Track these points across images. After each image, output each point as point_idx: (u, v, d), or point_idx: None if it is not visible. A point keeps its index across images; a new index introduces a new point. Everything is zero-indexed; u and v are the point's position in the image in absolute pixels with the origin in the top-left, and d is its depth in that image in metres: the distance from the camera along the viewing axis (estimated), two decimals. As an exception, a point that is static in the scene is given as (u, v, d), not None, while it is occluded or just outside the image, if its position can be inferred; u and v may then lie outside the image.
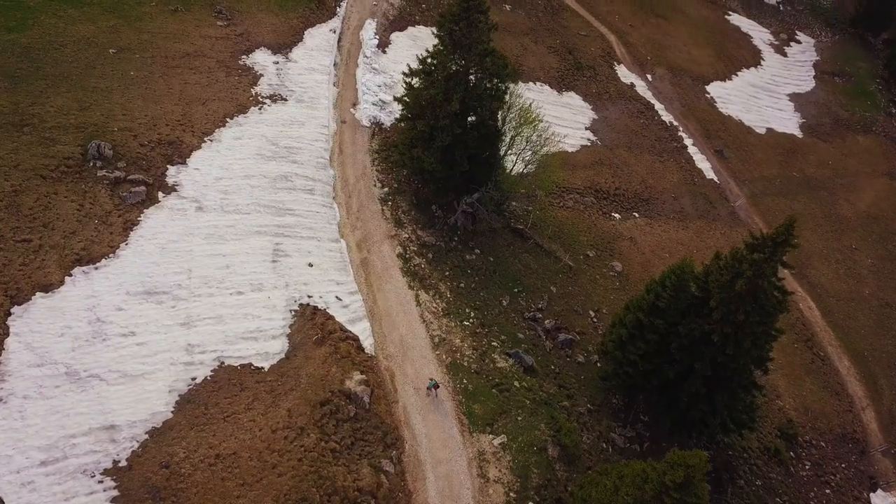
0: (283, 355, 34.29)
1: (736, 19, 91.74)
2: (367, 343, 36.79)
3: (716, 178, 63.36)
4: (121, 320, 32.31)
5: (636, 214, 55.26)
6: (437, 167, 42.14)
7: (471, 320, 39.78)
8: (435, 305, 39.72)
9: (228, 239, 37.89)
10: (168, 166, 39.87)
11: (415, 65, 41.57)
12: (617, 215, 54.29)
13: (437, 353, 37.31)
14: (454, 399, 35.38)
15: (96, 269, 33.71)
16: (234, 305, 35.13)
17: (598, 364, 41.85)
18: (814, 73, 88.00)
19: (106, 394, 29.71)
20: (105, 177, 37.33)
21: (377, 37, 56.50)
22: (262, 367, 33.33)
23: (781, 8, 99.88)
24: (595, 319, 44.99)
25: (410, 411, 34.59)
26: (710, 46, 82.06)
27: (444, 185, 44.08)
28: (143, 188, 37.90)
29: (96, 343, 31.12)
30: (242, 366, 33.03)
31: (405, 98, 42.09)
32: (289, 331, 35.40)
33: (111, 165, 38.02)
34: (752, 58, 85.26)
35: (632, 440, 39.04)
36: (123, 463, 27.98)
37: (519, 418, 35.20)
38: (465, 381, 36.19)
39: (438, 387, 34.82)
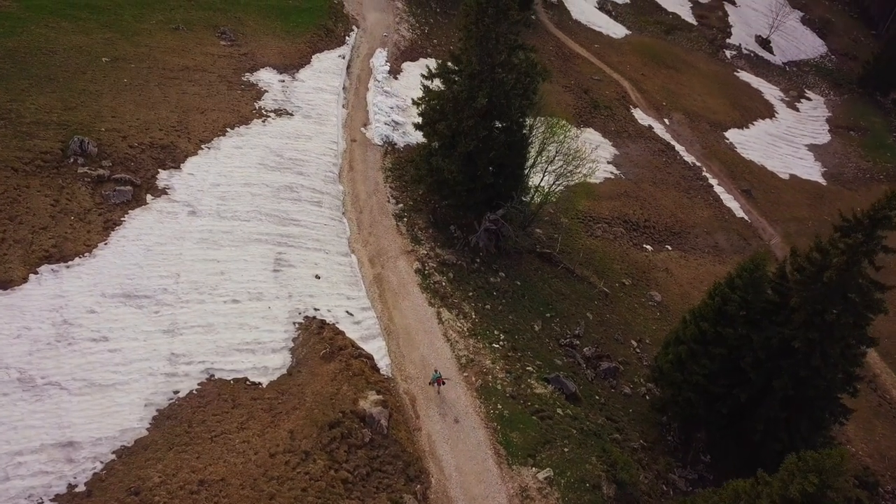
0: (284, 371, 28.77)
1: (745, 76, 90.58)
2: (383, 363, 31.32)
3: (746, 217, 59.33)
4: (92, 324, 26.97)
5: (669, 247, 50.78)
6: (459, 177, 37.90)
7: (501, 342, 34.44)
8: (459, 325, 34.48)
9: (224, 245, 33.06)
10: (159, 170, 35.52)
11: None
12: (649, 247, 49.79)
13: (465, 374, 31.78)
14: (487, 426, 29.58)
15: (68, 267, 28.66)
16: (229, 314, 29.88)
17: (647, 397, 36.25)
18: (828, 128, 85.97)
19: (66, 405, 24.04)
20: (87, 174, 32.86)
21: (388, 64, 53.72)
22: (260, 383, 27.74)
23: (787, 69, 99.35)
24: (638, 350, 39.62)
25: (436, 440, 28.75)
26: (723, 97, 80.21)
27: (465, 199, 39.59)
28: (129, 188, 33.39)
29: (60, 347, 25.68)
30: (236, 380, 27.46)
31: (424, 100, 38.34)
32: (291, 344, 30.02)
33: (94, 163, 33.62)
34: (766, 110, 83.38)
35: (694, 483, 32.90)
36: (81, 487, 22.03)
37: (565, 449, 29.29)
38: (499, 406, 30.49)
39: (444, 382, 29.89)
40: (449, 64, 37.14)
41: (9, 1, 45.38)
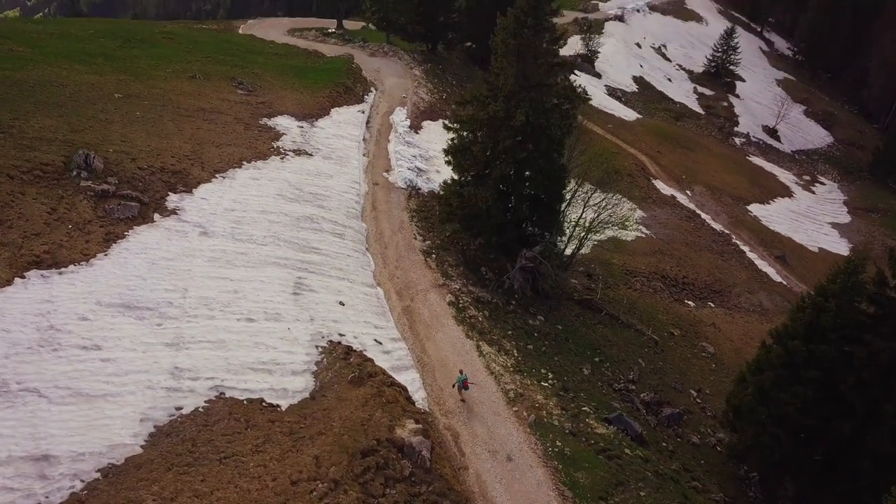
0: (306, 394, 24.31)
1: (756, 160, 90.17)
2: (418, 396, 26.85)
3: (784, 282, 55.95)
4: (83, 331, 22.87)
5: (711, 304, 47.01)
6: (493, 208, 34.92)
7: (549, 381, 29.98)
8: (502, 359, 30.19)
9: (238, 265, 29.41)
10: (169, 193, 32.41)
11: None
12: (691, 303, 46.03)
13: (515, 409, 27.17)
14: (547, 465, 24.70)
15: (60, 274, 24.86)
16: (242, 332, 25.78)
17: (719, 448, 31.37)
18: (847, 209, 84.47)
19: (44, 414, 19.56)
20: (90, 188, 29.69)
21: (408, 120, 52.16)
22: (278, 405, 23.25)
23: (796, 157, 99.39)
24: (699, 400, 35.01)
25: (487, 480, 23.86)
26: (741, 175, 79.15)
27: (497, 236, 36.37)
28: (135, 204, 30.16)
29: (43, 353, 21.47)
30: (250, 400, 22.98)
31: (455, 125, 36.01)
32: (314, 368, 25.68)
33: (99, 179, 30.54)
34: (784, 190, 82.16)
35: (789, 547, 27.53)
36: (54, 509, 17.27)
37: (641, 493, 24.28)
38: (558, 443, 25.71)
39: (468, 387, 26.24)
40: (483, 88, 35.10)
41: (23, 47, 44.24)
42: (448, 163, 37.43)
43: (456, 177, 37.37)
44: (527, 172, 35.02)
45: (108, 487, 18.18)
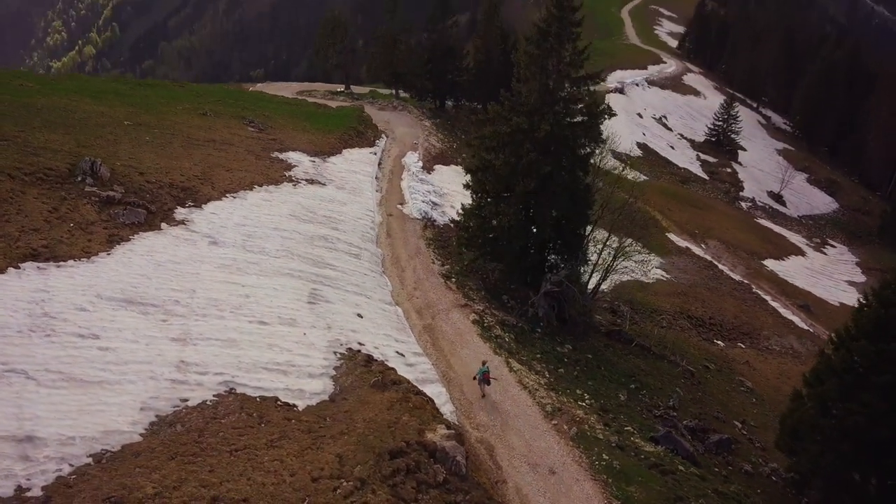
0: (325, 396, 21.81)
1: (764, 223, 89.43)
2: (446, 409, 24.26)
3: (811, 330, 53.61)
4: (80, 320, 20.60)
5: (741, 345, 44.62)
6: (514, 228, 33.28)
7: (587, 401, 27.38)
8: (535, 377, 27.69)
9: (250, 273, 27.40)
10: (178, 207, 30.75)
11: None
12: (720, 342, 43.67)
13: (554, 422, 24.51)
14: (595, 479, 21.88)
15: (58, 267, 22.79)
16: (255, 333, 23.50)
17: (773, 477, 28.37)
18: (861, 270, 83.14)
19: (30, 395, 17.10)
20: (95, 193, 28.00)
21: (421, 162, 51.29)
22: (294, 405, 20.73)
23: (803, 221, 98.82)
24: (745, 431, 32.17)
25: (529, 493, 21.03)
26: (753, 233, 78.13)
27: (518, 261, 34.58)
28: (142, 211, 28.44)
29: (34, 337, 19.15)
30: (263, 398, 20.47)
31: (476, 142, 34.87)
32: (333, 372, 23.23)
33: (105, 186, 28.91)
34: (797, 249, 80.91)
35: (867, 584, 24.20)
36: (36, 491, 14.61)
37: (704, 511, 21.42)
38: (604, 456, 22.96)
39: (490, 382, 24.50)
40: (505, 103, 34.08)
41: (34, 83, 43.77)
42: (466, 186, 36.06)
43: (475, 200, 35.93)
44: (550, 191, 33.51)
45: (100, 473, 15.54)
